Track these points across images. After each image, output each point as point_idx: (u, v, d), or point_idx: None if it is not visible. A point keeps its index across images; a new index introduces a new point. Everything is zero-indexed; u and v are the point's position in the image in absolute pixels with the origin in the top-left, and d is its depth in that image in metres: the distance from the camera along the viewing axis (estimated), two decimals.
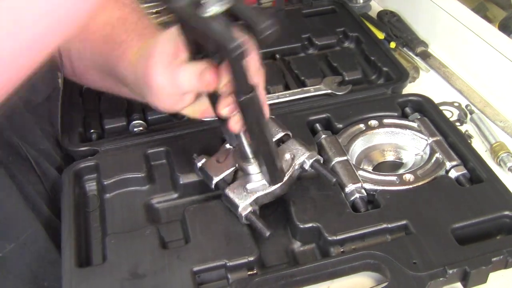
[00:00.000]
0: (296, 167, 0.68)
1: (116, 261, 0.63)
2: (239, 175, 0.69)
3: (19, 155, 0.68)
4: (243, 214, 0.65)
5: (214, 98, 0.62)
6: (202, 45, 0.58)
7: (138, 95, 0.70)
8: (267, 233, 0.63)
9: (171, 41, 0.61)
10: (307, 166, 0.69)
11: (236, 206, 0.65)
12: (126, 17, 0.73)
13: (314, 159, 0.69)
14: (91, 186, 0.76)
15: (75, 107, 0.90)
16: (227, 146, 0.71)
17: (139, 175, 0.75)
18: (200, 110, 0.67)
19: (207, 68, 0.58)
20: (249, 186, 0.66)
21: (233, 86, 0.56)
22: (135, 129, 0.87)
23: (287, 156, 0.69)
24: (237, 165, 0.69)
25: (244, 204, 0.65)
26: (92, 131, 0.85)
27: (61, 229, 0.68)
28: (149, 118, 0.88)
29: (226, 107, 0.60)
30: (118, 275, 0.62)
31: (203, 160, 0.70)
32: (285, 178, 0.67)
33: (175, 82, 0.60)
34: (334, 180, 0.67)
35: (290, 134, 0.72)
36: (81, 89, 0.94)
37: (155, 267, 0.63)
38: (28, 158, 0.69)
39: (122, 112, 0.88)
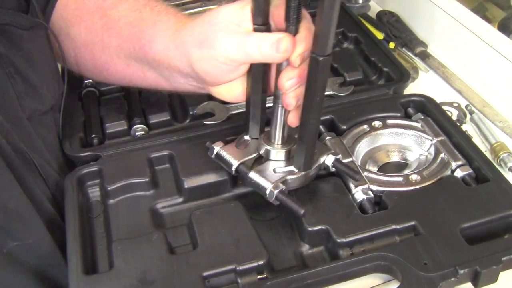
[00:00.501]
0: (320, 161, 0.68)
1: (124, 268, 0.63)
2: (258, 165, 0.67)
3: (25, 160, 0.67)
4: (274, 192, 0.63)
5: (256, 79, 0.62)
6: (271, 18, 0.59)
7: (171, 72, 0.69)
8: (302, 211, 0.61)
9: (235, 11, 0.61)
10: (330, 163, 0.69)
11: (264, 187, 0.64)
12: (153, 4, 0.73)
13: (336, 157, 0.69)
14: (94, 192, 0.75)
15: (75, 111, 0.89)
16: (246, 137, 0.70)
17: (143, 180, 0.74)
18: (236, 92, 0.67)
19: (286, 36, 0.58)
20: (277, 169, 0.66)
21: (314, 42, 0.55)
22: (136, 133, 0.86)
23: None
24: (259, 152, 0.67)
25: (274, 183, 0.64)
26: (93, 136, 0.84)
27: (66, 236, 0.67)
28: (150, 122, 0.88)
29: (292, 79, 0.60)
30: (126, 282, 0.61)
31: (221, 146, 0.69)
32: (313, 167, 0.67)
33: (244, 47, 0.60)
34: (358, 176, 0.67)
35: None
36: (80, 93, 0.93)
37: (163, 273, 0.62)
38: (34, 163, 0.68)
39: (123, 116, 0.87)
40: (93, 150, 0.79)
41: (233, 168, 0.68)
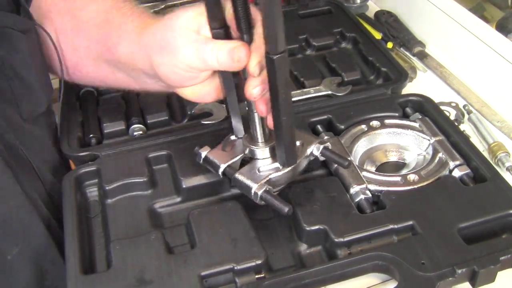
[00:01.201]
0: (308, 152, 0.68)
1: (122, 268, 0.63)
2: (246, 164, 0.68)
3: (22, 160, 0.67)
4: (258, 193, 0.63)
5: (227, 81, 0.62)
6: (228, 25, 0.59)
7: (138, 74, 0.69)
8: (286, 209, 0.61)
9: (194, 17, 0.61)
10: (317, 153, 0.68)
11: (249, 188, 0.64)
12: (119, 5, 0.72)
13: (324, 145, 0.68)
14: (92, 191, 0.75)
15: (73, 111, 0.89)
16: (232, 137, 0.70)
17: (141, 180, 0.74)
18: (200, 93, 0.67)
19: (241, 45, 0.58)
20: (261, 168, 0.66)
21: (266, 43, 0.54)
22: (134, 133, 0.86)
23: (297, 143, 0.68)
24: (245, 152, 0.68)
25: (258, 183, 0.64)
26: (91, 135, 0.84)
27: (64, 235, 0.67)
28: (148, 121, 0.87)
29: (257, 87, 0.59)
30: (124, 281, 0.61)
31: (207, 150, 0.69)
32: (298, 161, 0.66)
33: (202, 55, 0.60)
34: (347, 163, 0.67)
35: None
36: (79, 92, 0.93)
37: (161, 273, 0.62)
38: (30, 163, 0.68)
39: (121, 115, 0.87)
40: (91, 150, 0.79)
41: (220, 171, 0.68)
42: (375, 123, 0.80)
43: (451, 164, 0.73)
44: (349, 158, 0.68)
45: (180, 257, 0.64)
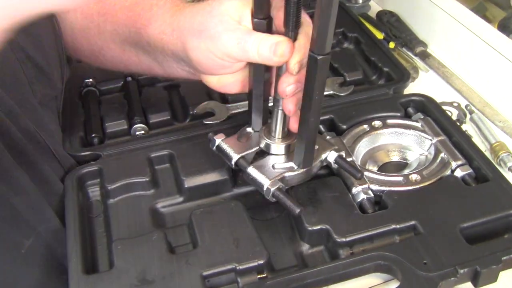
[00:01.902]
0: (322, 157, 0.68)
1: (124, 267, 0.63)
2: (259, 158, 0.67)
3: (38, 143, 0.67)
4: (271, 190, 0.63)
5: (258, 73, 0.62)
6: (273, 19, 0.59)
7: (165, 57, 0.69)
8: (297, 210, 0.61)
9: (237, 6, 0.61)
10: (332, 160, 0.68)
11: (262, 183, 0.63)
12: None
13: (339, 154, 0.68)
14: (94, 191, 0.75)
15: (75, 110, 0.89)
16: (248, 129, 0.70)
17: (143, 180, 0.74)
18: (226, 83, 0.67)
19: (286, 40, 0.58)
20: (276, 165, 0.65)
21: (313, 42, 0.54)
22: (137, 133, 0.86)
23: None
24: (261, 146, 0.67)
25: (272, 180, 0.63)
26: (93, 135, 0.84)
27: (66, 235, 0.67)
28: (150, 121, 0.88)
29: (291, 85, 0.60)
30: (126, 281, 0.61)
31: (222, 138, 0.68)
32: (313, 164, 0.66)
33: (243, 46, 0.60)
34: (360, 175, 0.67)
35: None
36: (81, 92, 0.93)
37: (163, 273, 0.62)
38: (47, 145, 0.69)
39: (123, 115, 0.87)
40: (93, 150, 0.79)
41: (233, 162, 0.67)
42: (377, 123, 0.80)
43: (453, 164, 0.73)
44: (360, 172, 0.68)
45: (182, 257, 0.64)
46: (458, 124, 0.88)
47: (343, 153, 0.69)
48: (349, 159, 0.74)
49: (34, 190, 0.64)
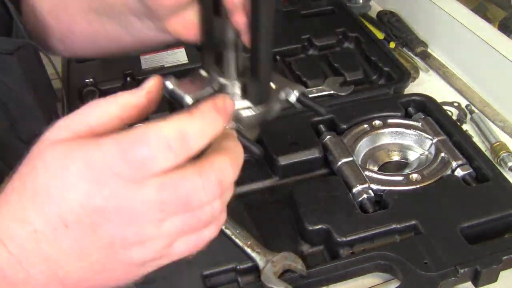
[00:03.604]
0: (282, 96, 0.62)
1: None
2: None
3: None
4: None
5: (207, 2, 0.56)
6: None
7: (128, 18, 0.67)
8: (258, 151, 0.54)
9: None
10: (293, 98, 0.62)
11: None
12: None
13: (301, 91, 0.62)
14: None
15: (75, 111, 0.89)
16: (202, 72, 0.63)
17: None
18: (192, 28, 0.61)
19: None
20: None
21: None
22: None
23: (273, 85, 0.62)
24: (214, 87, 0.61)
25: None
26: None
27: None
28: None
29: None
30: None
31: (174, 81, 0.60)
32: (270, 101, 0.60)
33: None
34: (323, 110, 0.61)
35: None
36: (81, 93, 0.93)
37: (164, 272, 0.61)
38: None
39: None
40: None
41: (185, 104, 0.59)
42: (377, 122, 0.81)
43: (454, 164, 0.73)
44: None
45: None
46: (459, 124, 0.88)
47: (305, 89, 0.63)
48: (349, 159, 0.74)
49: None
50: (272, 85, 0.61)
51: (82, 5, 0.73)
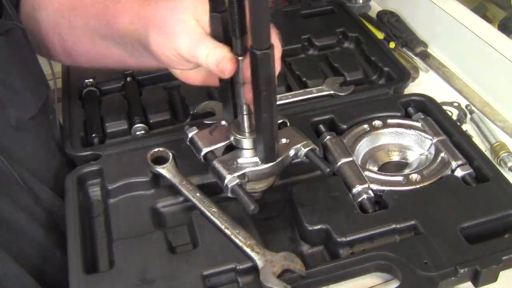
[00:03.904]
0: (291, 152, 0.66)
1: (124, 267, 0.63)
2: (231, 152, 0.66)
3: (8, 178, 0.66)
4: (229, 186, 0.63)
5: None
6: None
7: (135, 47, 0.69)
8: (252, 207, 0.61)
9: (198, 5, 0.61)
10: (302, 154, 0.67)
11: (223, 178, 0.63)
12: None
13: (309, 148, 0.67)
14: (94, 191, 0.75)
15: (75, 111, 0.89)
16: (223, 122, 0.69)
17: (144, 179, 0.74)
18: (189, 75, 0.68)
19: (227, 59, 0.58)
20: (240, 160, 0.65)
21: (251, 36, 0.53)
22: (137, 133, 0.86)
23: (283, 140, 0.67)
24: (231, 139, 0.66)
25: (231, 175, 0.63)
26: (93, 135, 0.84)
27: (67, 235, 0.67)
28: (151, 121, 0.88)
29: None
30: (126, 281, 0.61)
31: (195, 131, 0.68)
32: (278, 160, 0.65)
33: (194, 52, 0.60)
34: (328, 170, 0.66)
35: (288, 122, 0.71)
36: (81, 92, 0.93)
37: (164, 272, 0.62)
38: (19, 182, 0.68)
39: (124, 115, 0.87)
40: (93, 150, 0.79)
41: (201, 155, 0.67)
42: (377, 122, 0.81)
43: (454, 164, 0.73)
44: (329, 168, 0.66)
45: (182, 256, 0.64)
46: (459, 124, 0.88)
47: (315, 147, 0.67)
48: (349, 159, 0.74)
49: None
50: (284, 140, 0.66)
51: (90, 29, 0.73)
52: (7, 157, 0.67)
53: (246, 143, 0.65)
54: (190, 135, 0.69)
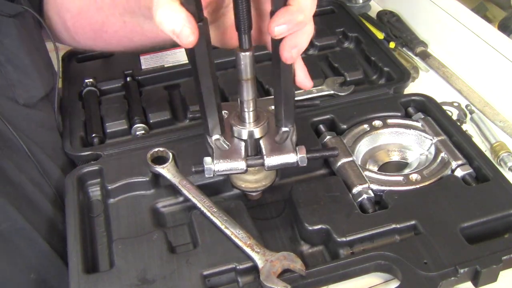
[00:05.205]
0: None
1: (124, 267, 0.63)
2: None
3: (15, 147, 0.66)
4: (304, 155, 0.63)
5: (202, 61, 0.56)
6: None
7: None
8: (336, 152, 0.64)
9: None
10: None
11: (287, 161, 0.63)
12: None
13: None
14: (94, 191, 0.75)
15: (75, 110, 0.89)
16: (215, 137, 0.65)
17: (144, 179, 0.74)
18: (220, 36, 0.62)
19: (185, 26, 0.49)
20: (277, 137, 0.64)
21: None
22: (137, 133, 0.86)
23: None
24: (244, 138, 0.64)
25: (294, 149, 0.63)
26: (93, 135, 0.84)
27: (67, 235, 0.67)
28: (151, 121, 0.88)
29: (283, 24, 0.50)
30: (126, 281, 0.61)
31: (211, 163, 0.62)
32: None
33: (155, 18, 0.51)
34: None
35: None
36: (81, 92, 0.93)
37: (164, 272, 0.62)
38: (26, 152, 0.68)
39: (124, 115, 0.87)
40: (93, 150, 0.79)
41: (245, 167, 0.62)
42: (377, 122, 0.81)
43: (454, 164, 0.73)
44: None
45: (182, 256, 0.64)
46: (459, 124, 0.88)
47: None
48: (349, 159, 0.74)
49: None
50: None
51: (117, 6, 0.72)
52: (14, 127, 0.67)
53: (262, 129, 0.63)
54: (213, 168, 0.62)
